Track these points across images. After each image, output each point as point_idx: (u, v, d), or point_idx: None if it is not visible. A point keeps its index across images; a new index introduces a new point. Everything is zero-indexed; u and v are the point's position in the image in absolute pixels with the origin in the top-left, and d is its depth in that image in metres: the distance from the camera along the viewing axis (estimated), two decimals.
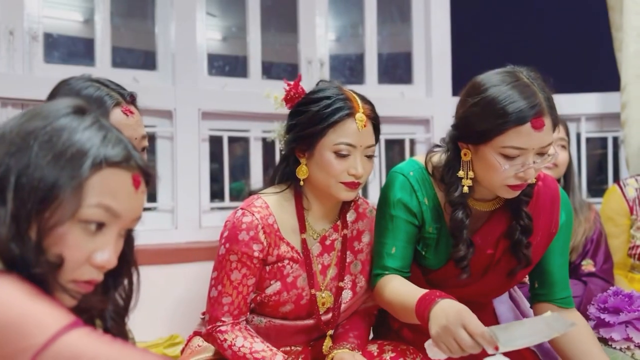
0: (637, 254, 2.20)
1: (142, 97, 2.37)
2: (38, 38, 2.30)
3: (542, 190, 1.53)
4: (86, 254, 0.84)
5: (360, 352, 1.50)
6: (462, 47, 2.85)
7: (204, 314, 1.68)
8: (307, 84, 1.60)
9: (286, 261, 1.50)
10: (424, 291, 1.35)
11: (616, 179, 2.74)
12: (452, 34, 2.84)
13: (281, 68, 2.89)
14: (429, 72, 2.86)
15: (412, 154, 2.83)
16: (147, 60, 2.62)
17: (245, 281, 1.47)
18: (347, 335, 1.54)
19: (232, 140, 2.65)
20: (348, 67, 2.98)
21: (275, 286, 1.50)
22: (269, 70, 2.79)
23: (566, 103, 2.80)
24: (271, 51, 2.82)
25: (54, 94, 1.39)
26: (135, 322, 2.04)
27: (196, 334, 1.65)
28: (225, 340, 1.45)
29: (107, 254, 0.86)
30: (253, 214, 1.46)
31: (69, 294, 0.84)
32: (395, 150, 2.93)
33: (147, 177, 0.92)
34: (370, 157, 1.49)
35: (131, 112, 1.39)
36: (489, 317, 1.66)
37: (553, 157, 1.45)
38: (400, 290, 1.43)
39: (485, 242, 1.50)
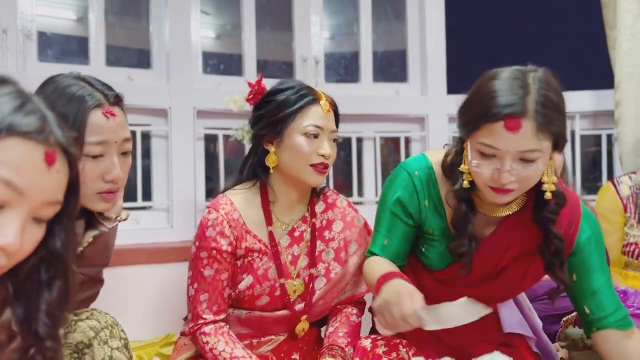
0: (631, 251, 2.21)
1: (137, 96, 2.38)
2: (32, 37, 2.29)
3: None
4: None
5: (352, 354, 1.51)
6: (457, 45, 2.86)
7: (186, 318, 1.70)
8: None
9: (255, 254, 1.56)
10: (391, 269, 1.41)
11: (610, 176, 2.75)
12: (447, 32, 2.84)
13: (276, 67, 2.89)
14: (424, 71, 2.86)
15: (407, 152, 2.84)
16: (141, 59, 2.61)
17: (218, 277, 1.53)
18: (337, 333, 1.57)
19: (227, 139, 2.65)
20: (343, 65, 2.99)
21: (248, 280, 1.55)
22: (265, 69, 2.78)
23: None
24: (266, 50, 2.82)
25: (40, 90, 1.38)
26: (131, 321, 2.04)
27: (183, 334, 1.70)
28: (208, 343, 1.50)
29: (9, 236, 0.76)
30: (218, 211, 1.55)
31: None
32: (391, 148, 2.93)
33: (68, 157, 0.82)
34: (335, 141, 1.60)
35: (113, 115, 1.35)
36: (490, 322, 1.63)
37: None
38: (376, 266, 1.47)
39: (491, 251, 1.46)
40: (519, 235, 1.45)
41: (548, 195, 1.33)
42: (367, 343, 1.51)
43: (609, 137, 2.85)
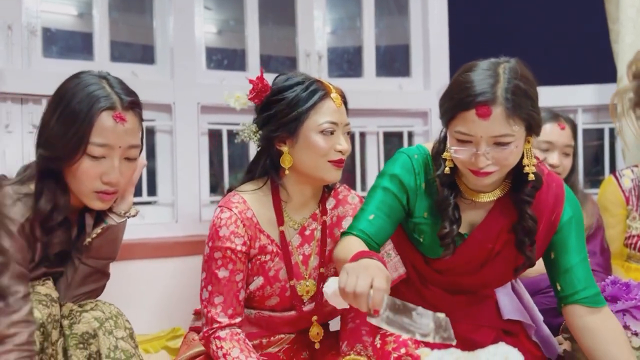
0: (633, 243, 2.22)
1: (140, 91, 2.36)
2: (36, 32, 2.30)
3: (545, 188, 1.51)
4: None
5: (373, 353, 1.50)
6: (459, 39, 2.86)
7: (195, 312, 1.70)
8: None
9: (267, 256, 1.52)
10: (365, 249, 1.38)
11: (612, 169, 2.75)
12: (449, 26, 2.85)
13: (279, 61, 2.90)
14: (427, 65, 2.87)
15: (410, 146, 2.84)
16: (145, 55, 2.62)
17: (233, 277, 1.47)
18: (359, 331, 1.52)
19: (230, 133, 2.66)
20: (346, 60, 2.99)
21: (258, 281, 1.52)
22: (267, 64, 2.79)
23: (563, 94, 2.82)
24: (269, 44, 2.82)
25: (64, 83, 1.41)
26: (137, 315, 2.05)
27: (192, 329, 1.67)
28: (222, 347, 1.44)
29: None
30: (231, 209, 1.48)
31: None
32: (394, 142, 2.94)
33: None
34: (348, 133, 1.55)
35: (123, 119, 1.37)
36: (490, 308, 1.67)
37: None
38: (355, 244, 1.43)
39: (486, 236, 1.52)
40: (508, 220, 1.51)
41: (531, 176, 1.42)
42: (376, 340, 1.52)
43: (611, 130, 2.85)
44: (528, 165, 1.41)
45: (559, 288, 1.54)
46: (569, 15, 2.96)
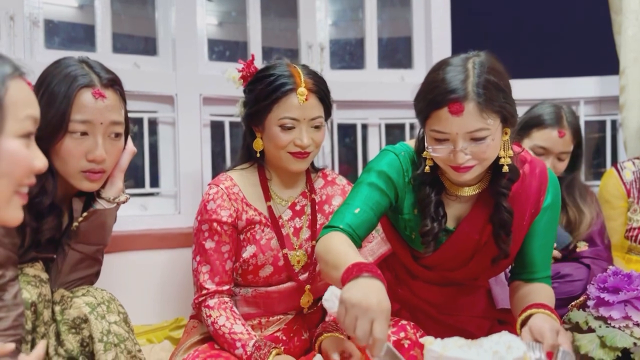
0: (634, 236, 2.23)
1: (143, 82, 2.39)
2: (39, 24, 2.30)
3: (529, 175, 1.52)
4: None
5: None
6: (462, 31, 2.85)
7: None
8: None
9: (257, 226, 1.61)
10: (359, 258, 1.29)
11: (614, 161, 2.76)
12: (452, 18, 2.84)
13: (281, 53, 2.88)
14: (429, 57, 2.86)
15: (412, 138, 2.84)
16: (147, 46, 2.62)
17: (219, 248, 1.58)
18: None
19: (233, 125, 2.67)
20: (348, 51, 2.98)
21: (251, 249, 1.60)
22: (269, 56, 2.79)
23: (565, 86, 2.81)
24: (271, 36, 2.82)
25: (47, 69, 1.46)
26: (140, 305, 2.07)
27: (192, 318, 1.74)
28: (210, 316, 1.55)
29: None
30: (218, 185, 1.61)
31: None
32: (396, 134, 2.94)
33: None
34: (318, 127, 1.60)
35: (102, 96, 1.40)
36: (483, 299, 1.69)
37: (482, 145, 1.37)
38: (341, 246, 1.36)
39: (472, 228, 1.52)
40: (491, 213, 1.51)
41: (505, 168, 1.42)
42: None
43: (613, 122, 2.86)
44: (504, 157, 1.42)
45: (513, 264, 1.60)
46: (572, 7, 2.96)
